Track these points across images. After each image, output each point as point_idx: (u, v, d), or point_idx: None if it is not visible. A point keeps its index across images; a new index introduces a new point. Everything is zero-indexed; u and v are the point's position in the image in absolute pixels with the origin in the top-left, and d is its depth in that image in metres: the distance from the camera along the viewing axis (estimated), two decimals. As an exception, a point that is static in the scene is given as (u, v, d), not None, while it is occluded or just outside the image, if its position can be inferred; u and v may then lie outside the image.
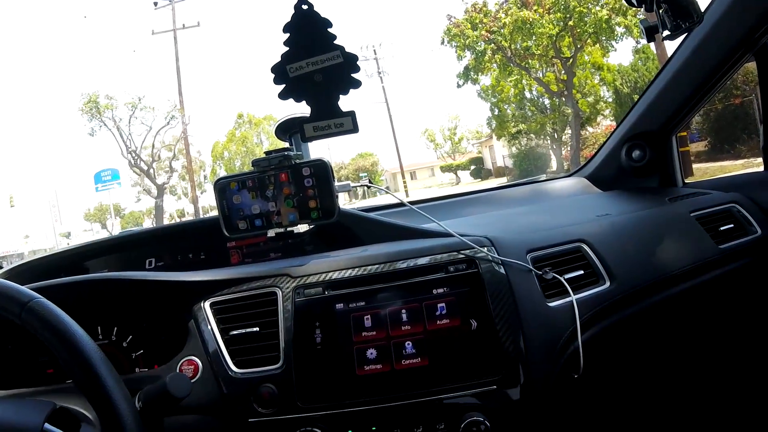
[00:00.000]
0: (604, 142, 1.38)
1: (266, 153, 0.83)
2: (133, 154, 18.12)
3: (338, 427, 0.76)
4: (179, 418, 0.83)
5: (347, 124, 0.63)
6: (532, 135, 17.93)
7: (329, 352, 0.78)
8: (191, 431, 0.83)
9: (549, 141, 18.07)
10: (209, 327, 0.82)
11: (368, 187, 0.86)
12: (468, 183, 24.44)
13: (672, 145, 1.32)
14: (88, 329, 0.64)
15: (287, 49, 0.61)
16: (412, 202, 1.16)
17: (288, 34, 0.61)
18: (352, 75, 0.62)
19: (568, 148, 16.40)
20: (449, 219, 0.97)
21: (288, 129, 0.92)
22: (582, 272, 0.91)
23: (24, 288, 0.65)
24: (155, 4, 17.91)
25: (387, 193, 0.93)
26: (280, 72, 0.61)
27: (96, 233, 26.62)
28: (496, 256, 0.83)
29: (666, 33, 0.89)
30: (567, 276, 0.88)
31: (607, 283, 0.92)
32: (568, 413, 0.93)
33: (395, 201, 1.02)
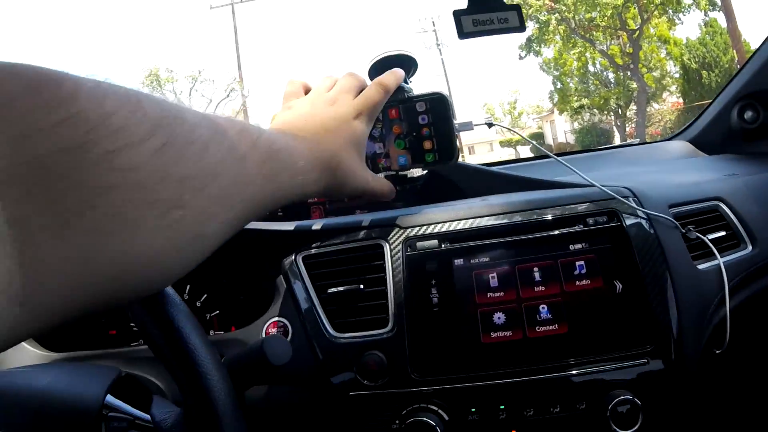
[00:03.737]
0: (709, 104, 1.24)
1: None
2: None
3: (459, 404, 0.65)
4: (262, 389, 0.73)
5: (513, 19, 0.51)
6: (595, 110, 17.44)
7: (448, 316, 0.66)
8: (277, 405, 0.73)
9: (613, 117, 17.53)
10: (302, 284, 0.71)
11: (490, 126, 0.73)
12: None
13: (789, 106, 1.17)
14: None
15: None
16: (525, 159, 1.04)
17: None
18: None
19: (633, 125, 15.93)
20: (564, 176, 0.85)
21: (384, 69, 0.80)
22: (724, 233, 0.79)
23: None
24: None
25: (516, 134, 0.81)
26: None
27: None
28: (641, 208, 0.70)
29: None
30: (710, 237, 0.76)
31: (749, 248, 0.79)
32: (709, 395, 0.81)
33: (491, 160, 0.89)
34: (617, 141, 16.81)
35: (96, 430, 0.53)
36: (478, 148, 29.80)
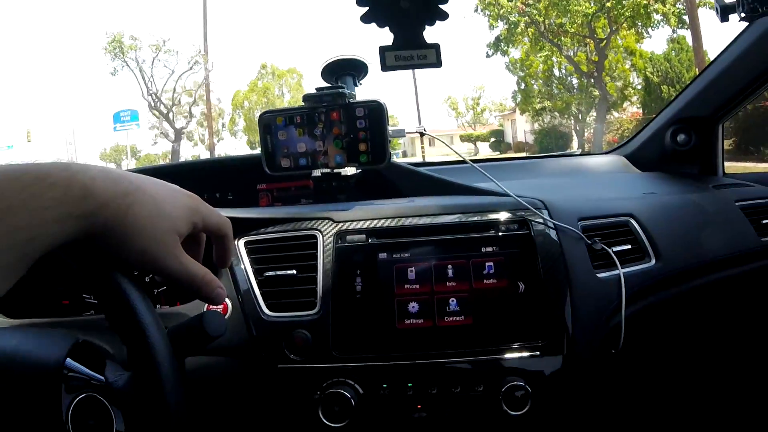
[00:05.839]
0: (648, 123, 1.34)
1: (318, 89, 0.78)
2: (154, 97, 18.07)
3: (372, 381, 0.73)
4: (202, 359, 0.80)
5: (431, 56, 0.59)
6: (556, 113, 17.73)
7: (369, 303, 0.75)
8: (215, 373, 0.80)
9: (573, 121, 17.82)
10: (242, 266, 0.79)
11: (422, 135, 0.81)
12: (486, 155, 24.01)
13: (718, 134, 1.28)
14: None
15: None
16: (457, 162, 1.13)
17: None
18: (440, 5, 0.57)
19: (592, 131, 16.20)
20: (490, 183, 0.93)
21: (336, 71, 0.87)
22: (629, 247, 0.88)
23: None
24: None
25: (446, 145, 0.89)
26: (365, -8, 0.57)
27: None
28: (550, 219, 0.79)
29: (742, 15, 0.85)
30: (615, 249, 0.85)
31: (653, 261, 0.88)
32: (602, 389, 0.90)
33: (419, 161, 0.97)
34: (575, 145, 17.17)
35: (56, 388, 0.60)
36: (438, 141, 29.85)
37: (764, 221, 1.11)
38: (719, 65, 1.18)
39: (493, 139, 24.84)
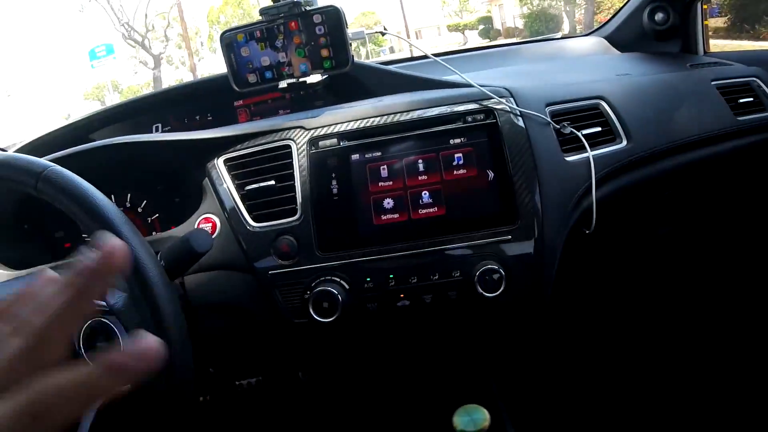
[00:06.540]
0: (626, 3, 1.31)
1: (274, 1, 0.78)
2: (126, 26, 17.34)
3: (356, 275, 0.78)
4: (200, 275, 0.85)
5: None
6: None
7: (346, 203, 0.78)
8: (212, 289, 0.86)
9: (562, 2, 17.13)
10: (224, 184, 0.82)
11: (382, 34, 0.82)
12: (476, 44, 23.02)
13: (697, 12, 1.25)
14: (102, 197, 0.63)
15: None
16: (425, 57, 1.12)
17: None
18: None
19: (582, 11, 15.62)
20: (467, 72, 0.94)
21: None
22: (599, 129, 0.89)
23: (37, 159, 0.63)
24: None
25: (403, 39, 0.89)
26: None
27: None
28: (515, 107, 0.80)
29: None
30: (584, 132, 0.86)
31: (624, 142, 0.90)
32: (577, 269, 0.95)
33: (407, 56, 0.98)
34: (566, 27, 16.41)
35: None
36: (425, 33, 28.64)
37: (741, 100, 1.11)
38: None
39: (481, 27, 23.44)
